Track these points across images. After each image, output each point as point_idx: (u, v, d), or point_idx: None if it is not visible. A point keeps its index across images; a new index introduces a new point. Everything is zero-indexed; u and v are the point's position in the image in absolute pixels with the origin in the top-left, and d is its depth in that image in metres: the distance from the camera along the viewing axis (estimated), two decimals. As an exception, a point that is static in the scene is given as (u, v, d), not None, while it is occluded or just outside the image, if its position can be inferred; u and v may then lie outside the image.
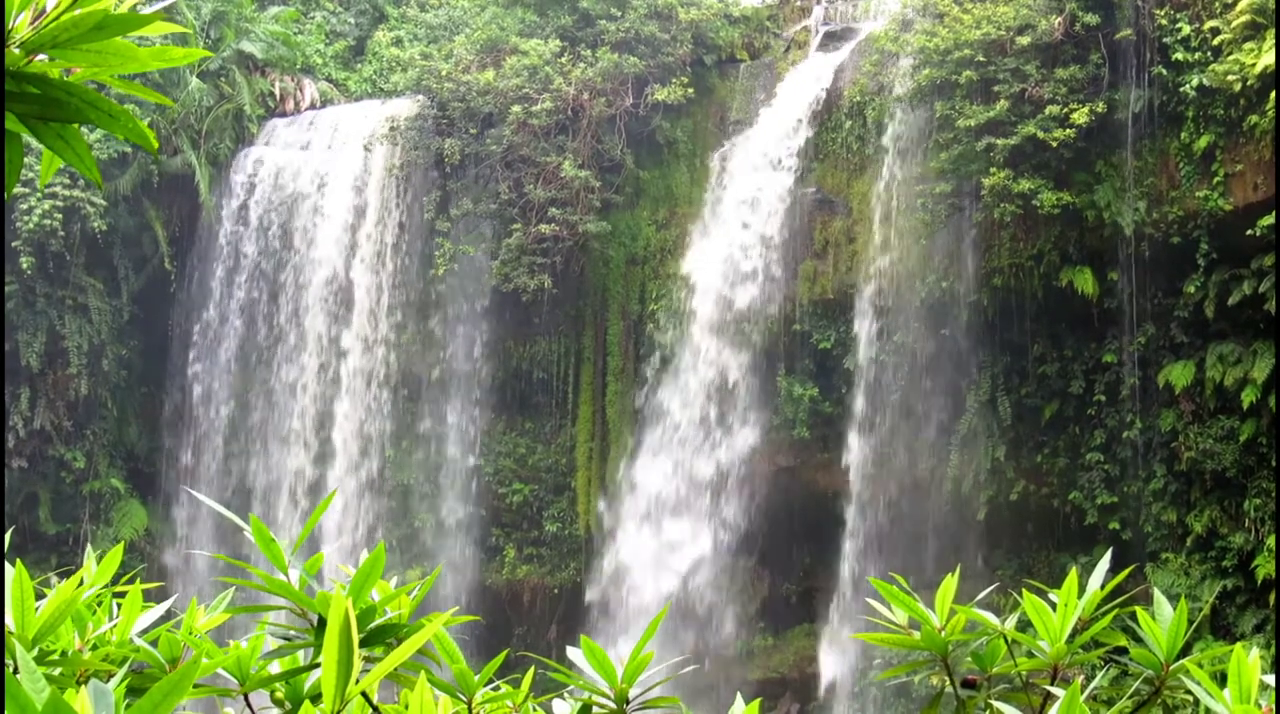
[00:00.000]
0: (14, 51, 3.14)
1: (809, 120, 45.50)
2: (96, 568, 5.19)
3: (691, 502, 45.04)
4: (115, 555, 5.17)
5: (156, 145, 3.31)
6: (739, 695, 5.39)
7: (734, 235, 45.45)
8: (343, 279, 49.21)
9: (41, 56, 3.22)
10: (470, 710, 4.98)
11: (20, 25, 3.17)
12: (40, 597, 4.60)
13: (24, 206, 46.37)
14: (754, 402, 45.20)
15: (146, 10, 3.41)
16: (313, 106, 53.14)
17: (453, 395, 49.06)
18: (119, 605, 5.12)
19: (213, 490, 49.04)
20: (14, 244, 46.59)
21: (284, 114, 52.66)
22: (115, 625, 5.02)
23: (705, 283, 45.63)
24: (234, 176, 50.55)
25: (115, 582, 5.25)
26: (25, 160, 3.43)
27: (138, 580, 5.24)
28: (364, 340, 48.84)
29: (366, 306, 48.86)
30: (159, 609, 5.16)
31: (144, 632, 5.05)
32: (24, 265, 46.75)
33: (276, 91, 52.83)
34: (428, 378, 49.19)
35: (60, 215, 46.82)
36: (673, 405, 45.60)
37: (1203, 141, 39.49)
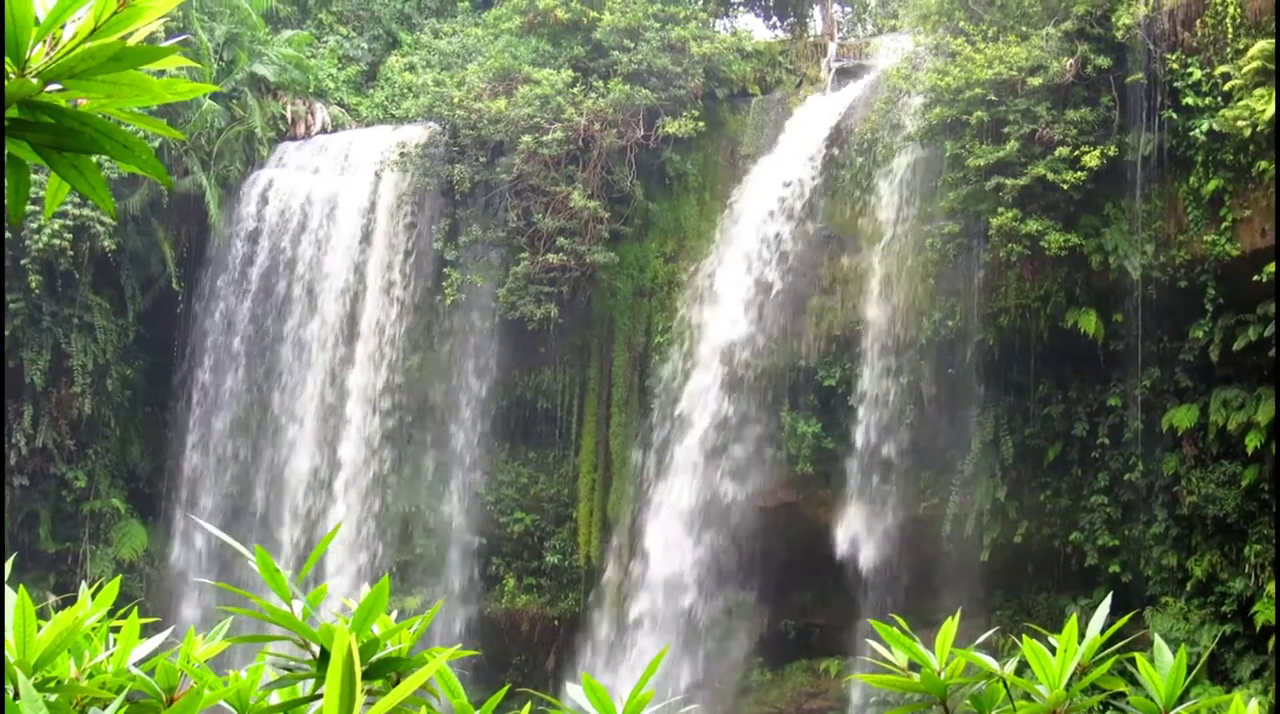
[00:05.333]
0: (30, 81, 3.15)
1: (819, 156, 45.55)
2: (95, 597, 5.18)
3: (692, 534, 44.98)
4: (113, 586, 5.17)
5: (171, 183, 3.34)
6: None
7: (741, 269, 45.45)
8: (350, 304, 49.23)
9: (56, 86, 3.23)
10: (469, 746, 4.98)
11: (36, 55, 3.18)
12: (41, 616, 4.60)
13: (33, 225, 46.42)
14: (757, 436, 45.16)
15: (155, 37, 3.43)
16: (324, 130, 53.23)
17: (457, 423, 49.02)
18: (115, 634, 5.12)
19: (214, 513, 49.00)
20: (23, 262, 46.67)
21: (295, 137, 52.75)
22: (112, 654, 5.02)
23: (712, 316, 45.62)
24: (244, 199, 50.62)
25: (116, 606, 5.25)
26: (36, 178, 3.45)
27: (135, 609, 5.24)
28: (370, 366, 48.80)
29: (373, 332, 48.86)
30: (157, 639, 5.15)
31: (142, 660, 5.04)
32: (32, 284, 46.81)
33: (288, 115, 52.93)
34: (432, 405, 49.16)
35: (70, 235, 46.90)
36: (676, 438, 45.54)
37: (1211, 186, 39.52)
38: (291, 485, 48.99)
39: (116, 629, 5.13)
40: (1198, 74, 39.66)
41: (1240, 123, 37.99)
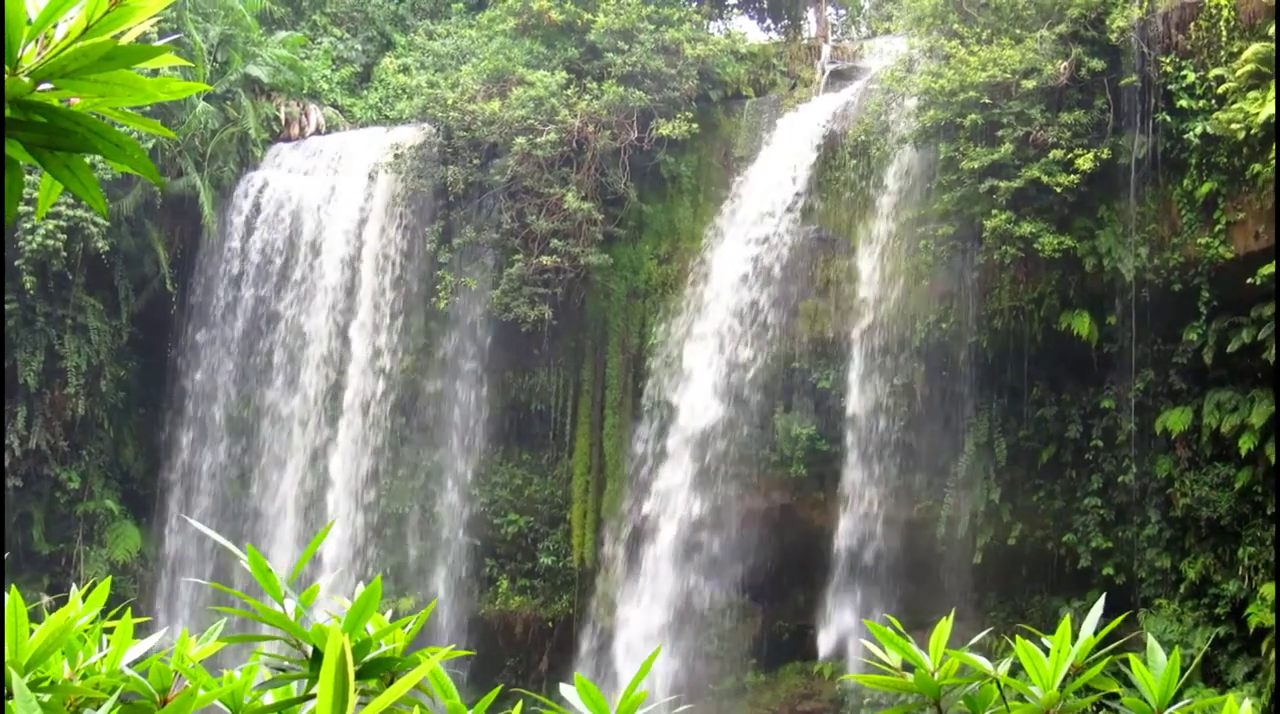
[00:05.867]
0: (22, 80, 3.15)
1: (813, 158, 45.51)
2: (88, 597, 5.17)
3: (686, 537, 44.94)
4: (104, 587, 5.16)
5: (164, 183, 3.34)
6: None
7: (735, 272, 45.40)
8: (343, 306, 49.13)
9: (47, 85, 3.23)
10: (462, 747, 4.97)
11: (29, 55, 3.18)
12: (34, 619, 4.59)
13: (27, 226, 46.36)
14: (751, 439, 45.11)
15: (148, 36, 3.42)
16: (318, 132, 53.17)
17: (451, 425, 48.96)
18: (109, 635, 5.11)
19: (208, 514, 48.93)
20: (16, 263, 46.57)
21: (289, 139, 52.69)
22: (105, 655, 5.01)
23: (705, 318, 45.58)
24: (237, 200, 50.51)
25: (107, 606, 5.24)
26: (29, 179, 3.44)
27: (129, 609, 5.23)
28: (363, 367, 48.71)
29: (367, 333, 48.75)
30: (151, 639, 5.15)
31: (136, 662, 5.04)
32: (26, 284, 46.73)
33: (282, 116, 52.88)
34: (426, 407, 49.09)
35: (64, 236, 46.80)
36: (670, 440, 45.49)
37: (1205, 189, 39.55)
38: (285, 486, 48.87)
39: (110, 630, 5.13)
40: (1192, 77, 39.68)
41: (1234, 125, 38.02)
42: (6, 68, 3.15)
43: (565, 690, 5.20)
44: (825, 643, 44.08)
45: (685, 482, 44.87)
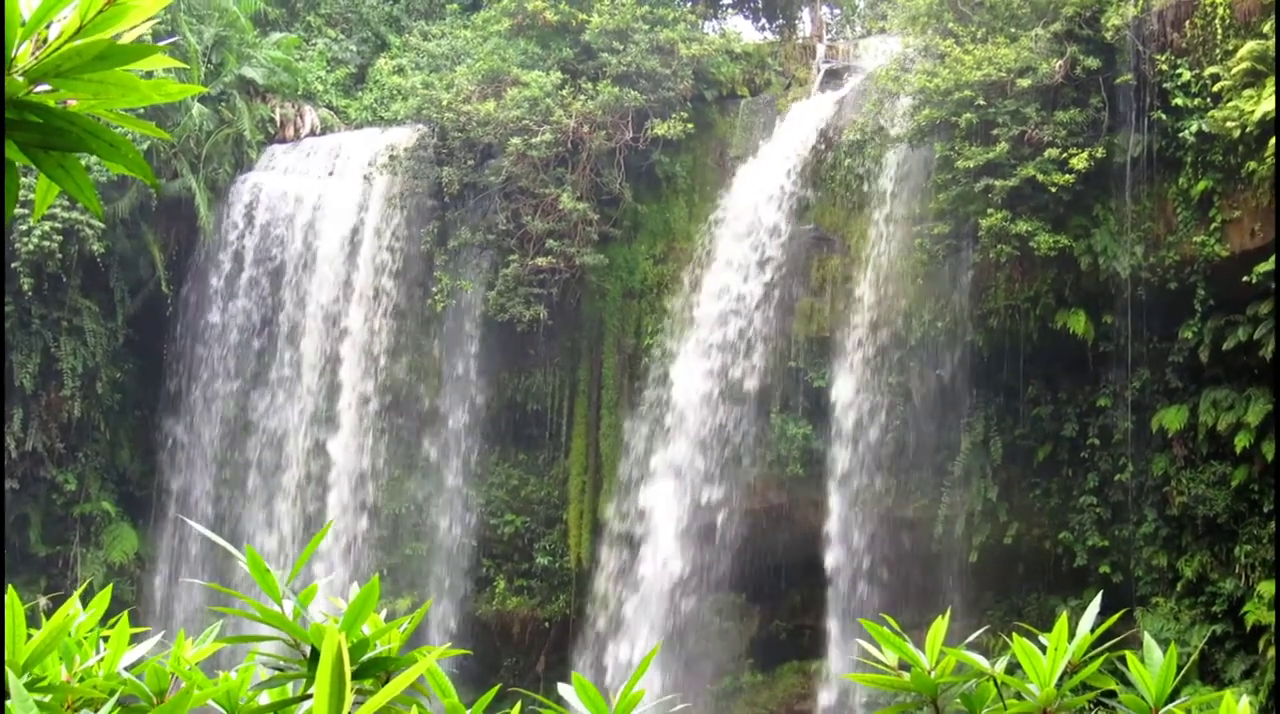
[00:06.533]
0: (17, 80, 3.15)
1: (808, 158, 45.49)
2: (87, 601, 5.17)
3: (681, 537, 44.89)
4: (104, 595, 5.16)
5: (158, 184, 3.33)
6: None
7: (731, 271, 45.37)
8: (339, 306, 49.05)
9: (43, 86, 3.23)
10: (460, 746, 4.97)
11: (23, 54, 3.18)
12: (31, 621, 4.59)
13: (23, 228, 46.30)
14: (747, 438, 45.06)
15: (143, 39, 3.42)
16: (313, 133, 53.07)
17: (447, 426, 48.90)
18: (105, 640, 5.11)
19: (204, 515, 48.86)
20: (13, 265, 46.49)
21: (284, 140, 52.58)
22: (103, 658, 5.01)
23: (701, 318, 45.54)
24: (233, 202, 50.43)
25: (108, 611, 5.23)
26: (25, 181, 3.44)
27: (125, 615, 5.23)
28: (359, 368, 48.63)
29: (362, 334, 48.68)
30: (148, 642, 5.14)
31: (133, 665, 5.03)
32: (23, 286, 46.66)
33: (277, 117, 52.78)
34: (422, 407, 49.02)
35: (60, 237, 46.73)
36: (665, 441, 45.44)
37: (1200, 187, 39.54)
38: (281, 487, 48.84)
39: (106, 638, 5.12)
40: (1187, 75, 39.68)
41: (1229, 123, 38.01)
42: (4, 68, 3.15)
43: (563, 690, 5.20)
44: (828, 644, 44.07)
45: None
